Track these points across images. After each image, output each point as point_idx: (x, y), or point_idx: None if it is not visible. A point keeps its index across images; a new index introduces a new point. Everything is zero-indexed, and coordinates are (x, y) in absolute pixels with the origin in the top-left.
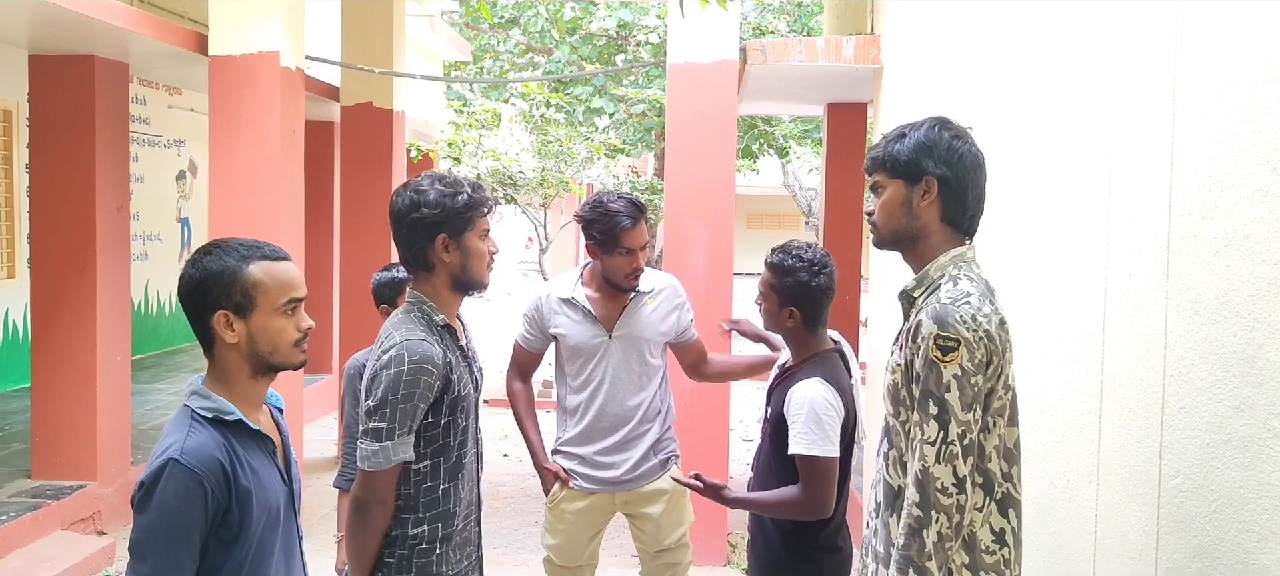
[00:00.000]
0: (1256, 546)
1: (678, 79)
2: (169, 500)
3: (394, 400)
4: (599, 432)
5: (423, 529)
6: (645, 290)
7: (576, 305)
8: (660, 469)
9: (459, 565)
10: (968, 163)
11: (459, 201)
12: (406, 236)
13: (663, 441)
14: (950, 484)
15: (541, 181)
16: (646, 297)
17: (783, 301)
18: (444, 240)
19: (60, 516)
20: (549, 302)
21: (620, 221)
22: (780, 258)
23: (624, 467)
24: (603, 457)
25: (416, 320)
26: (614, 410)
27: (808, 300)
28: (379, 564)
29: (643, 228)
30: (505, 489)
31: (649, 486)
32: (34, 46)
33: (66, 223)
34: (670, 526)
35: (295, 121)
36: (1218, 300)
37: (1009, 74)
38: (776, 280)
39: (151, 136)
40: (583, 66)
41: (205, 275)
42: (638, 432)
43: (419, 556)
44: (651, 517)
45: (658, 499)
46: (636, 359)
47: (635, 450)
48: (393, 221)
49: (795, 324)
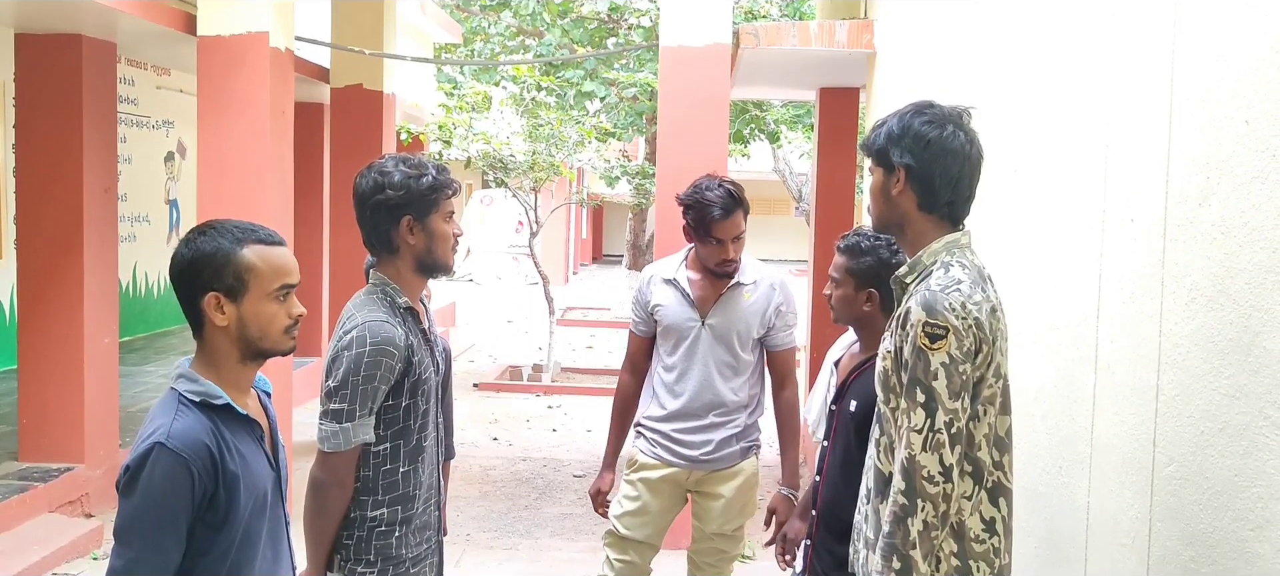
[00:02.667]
0: (1250, 534)
1: (670, 62)
2: (155, 485)
3: (355, 381)
4: (683, 415)
5: (382, 511)
6: (746, 282)
7: (676, 285)
8: (740, 456)
9: (418, 548)
10: (934, 150)
11: (423, 183)
12: (370, 218)
13: (748, 431)
14: (937, 472)
15: (532, 165)
16: (746, 288)
17: (860, 283)
18: (409, 222)
19: (48, 499)
20: (652, 282)
21: (711, 212)
22: (856, 239)
23: (706, 448)
24: (686, 436)
25: (379, 302)
26: (701, 395)
27: (886, 281)
28: (337, 545)
29: (737, 218)
30: (495, 473)
31: (726, 469)
32: (20, 25)
33: (54, 204)
34: (735, 512)
35: (285, 103)
36: (1214, 287)
37: (1004, 58)
38: (854, 261)
39: (140, 117)
40: (574, 49)
41: (198, 255)
42: (722, 420)
43: (377, 538)
44: (722, 497)
45: (731, 480)
46: (726, 348)
47: (718, 433)
48: (357, 202)
49: (873, 307)
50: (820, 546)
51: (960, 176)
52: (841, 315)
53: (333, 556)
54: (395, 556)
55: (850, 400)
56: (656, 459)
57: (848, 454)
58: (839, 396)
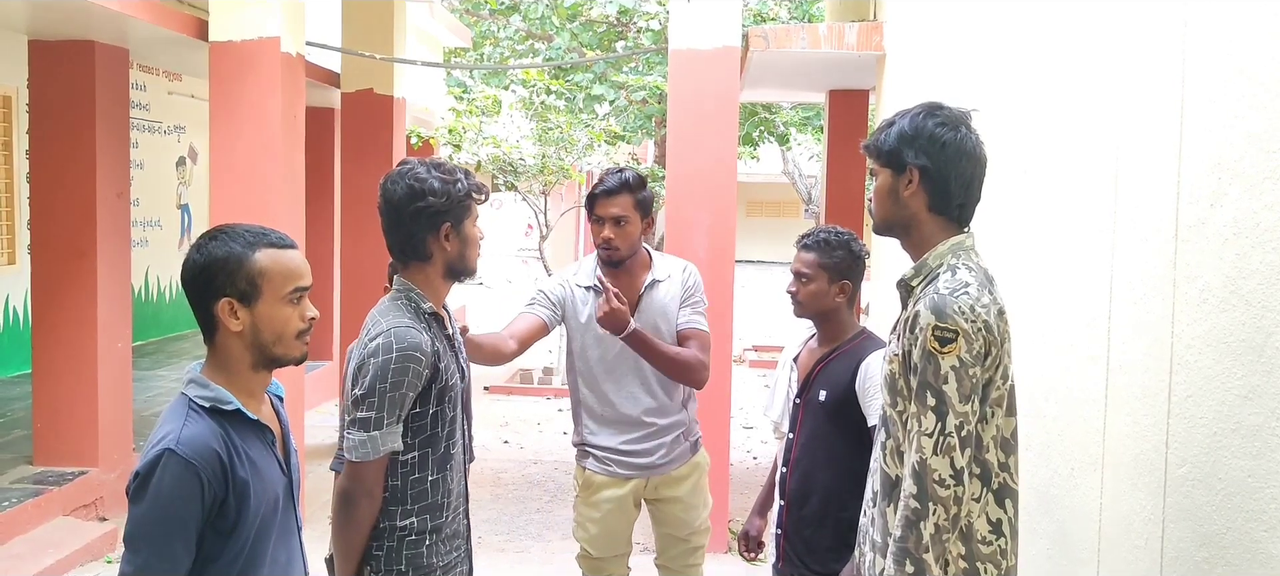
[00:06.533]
0: (1264, 535)
1: (679, 65)
2: (164, 491)
3: (382, 389)
4: (628, 424)
5: (411, 520)
6: (661, 277)
7: (597, 293)
8: (691, 451)
9: (449, 557)
10: (950, 152)
11: (459, 189)
12: (407, 225)
13: (691, 427)
14: (948, 475)
15: (542, 168)
16: (661, 284)
17: (833, 277)
18: (447, 229)
19: (62, 502)
20: (572, 291)
21: (597, 188)
22: (824, 236)
23: (659, 453)
24: (634, 446)
25: (403, 308)
26: (640, 400)
27: (856, 272)
28: (367, 556)
29: (621, 200)
30: (507, 476)
31: (680, 469)
32: (33, 32)
33: (67, 209)
34: (699, 505)
35: (296, 107)
36: (1226, 288)
37: (1014, 59)
38: (825, 257)
39: (151, 122)
40: (583, 53)
41: (210, 260)
42: (667, 422)
43: (408, 548)
44: (681, 499)
45: (686, 478)
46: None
47: (667, 436)
48: (390, 210)
49: (844, 299)
50: (792, 533)
51: (973, 178)
52: (809, 309)
53: (363, 568)
54: (426, 566)
55: (818, 391)
56: (612, 476)
57: (816, 440)
58: (804, 389)
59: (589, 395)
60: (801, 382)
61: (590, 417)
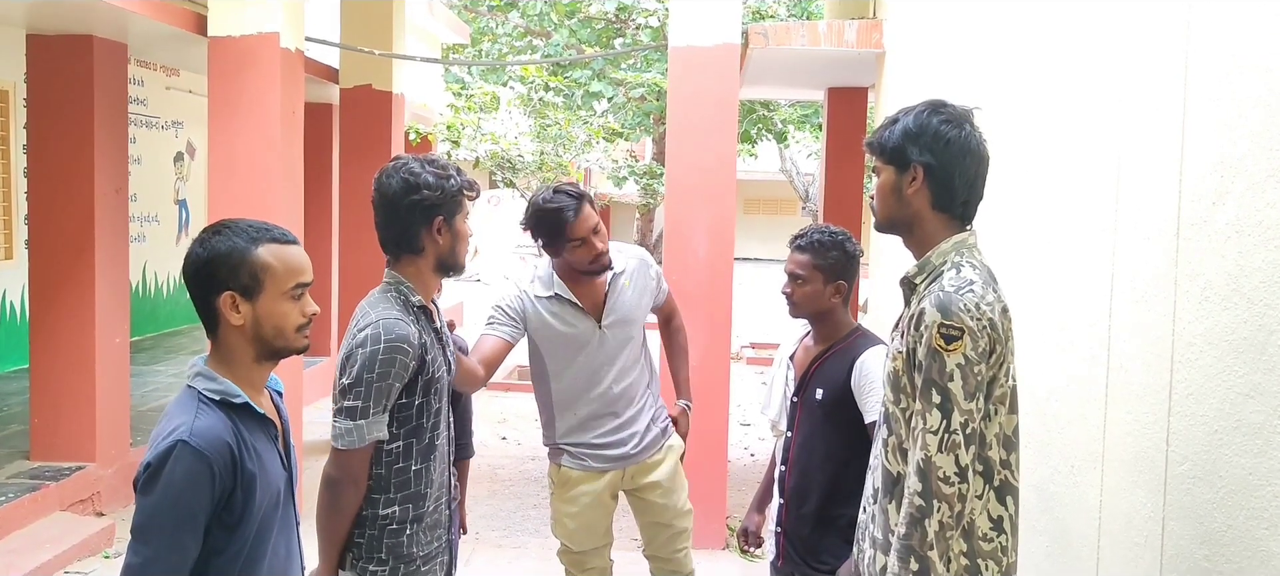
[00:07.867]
0: (1265, 533)
1: (679, 62)
2: (176, 481)
3: (369, 378)
4: (600, 419)
5: (393, 509)
6: (619, 271)
7: (562, 301)
8: (663, 436)
9: (430, 546)
10: (955, 149)
11: (453, 185)
12: (402, 218)
13: (659, 412)
14: (953, 473)
15: (540, 165)
16: (622, 277)
17: (828, 278)
18: (440, 223)
19: (59, 497)
20: (532, 303)
21: (564, 216)
22: (818, 236)
23: (633, 442)
24: (608, 437)
25: (393, 300)
26: (612, 395)
27: (851, 271)
28: (349, 543)
29: (588, 212)
30: (504, 472)
31: (655, 454)
32: (32, 26)
33: (65, 204)
34: (678, 488)
35: (295, 103)
36: (1228, 286)
37: (1015, 58)
38: (820, 258)
39: (149, 117)
40: (581, 49)
41: (213, 255)
42: (637, 410)
43: (389, 536)
44: (659, 484)
45: (662, 463)
46: (625, 342)
47: (639, 424)
48: (385, 203)
49: (840, 299)
50: (792, 531)
51: (976, 176)
52: (804, 310)
53: (345, 554)
54: (406, 554)
55: (815, 389)
56: (587, 470)
57: (814, 439)
58: (801, 387)
59: (560, 396)
60: (798, 381)
61: (561, 418)
